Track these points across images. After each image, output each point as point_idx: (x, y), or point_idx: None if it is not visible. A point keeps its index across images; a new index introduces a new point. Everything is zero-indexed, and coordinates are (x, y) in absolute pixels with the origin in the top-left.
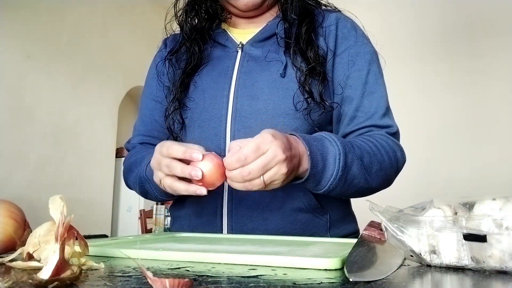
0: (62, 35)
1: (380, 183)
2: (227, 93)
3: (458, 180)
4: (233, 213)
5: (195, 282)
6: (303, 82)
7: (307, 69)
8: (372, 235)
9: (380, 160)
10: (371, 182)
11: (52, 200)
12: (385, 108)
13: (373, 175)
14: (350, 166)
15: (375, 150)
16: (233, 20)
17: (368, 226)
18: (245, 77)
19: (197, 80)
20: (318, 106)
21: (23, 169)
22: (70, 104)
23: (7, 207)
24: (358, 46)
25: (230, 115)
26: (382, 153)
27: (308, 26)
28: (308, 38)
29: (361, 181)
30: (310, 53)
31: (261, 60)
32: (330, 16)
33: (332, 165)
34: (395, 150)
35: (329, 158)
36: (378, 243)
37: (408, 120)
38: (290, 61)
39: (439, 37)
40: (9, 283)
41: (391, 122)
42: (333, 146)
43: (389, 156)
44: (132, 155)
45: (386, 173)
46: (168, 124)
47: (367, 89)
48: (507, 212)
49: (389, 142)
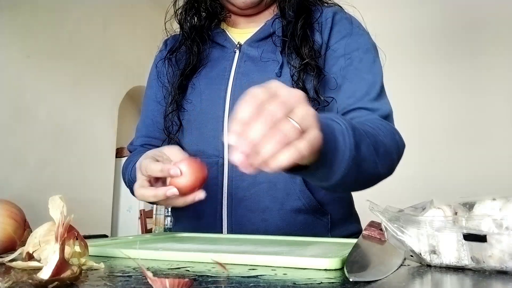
0: (62, 35)
1: (386, 168)
2: (224, 94)
3: (458, 180)
4: (233, 214)
5: (195, 282)
6: (297, 79)
7: (301, 66)
8: (372, 235)
9: (384, 141)
10: (379, 166)
11: (51, 200)
12: (377, 92)
13: (380, 157)
14: (359, 144)
15: (376, 131)
16: (233, 19)
17: (368, 226)
18: (242, 77)
19: (195, 82)
20: (312, 102)
21: (23, 169)
22: (70, 104)
23: (7, 207)
24: (354, 38)
25: (227, 117)
26: (381, 135)
27: (303, 22)
28: (304, 34)
29: (370, 165)
30: (304, 49)
31: (258, 60)
32: (328, 11)
33: (342, 144)
34: (394, 133)
35: (337, 135)
36: (378, 243)
37: (408, 120)
38: (285, 60)
39: (439, 37)
40: (9, 283)
41: (381, 105)
42: (337, 123)
43: (390, 139)
44: (128, 158)
45: (391, 157)
46: (165, 126)
47: (358, 75)
48: (507, 212)
49: (384, 125)
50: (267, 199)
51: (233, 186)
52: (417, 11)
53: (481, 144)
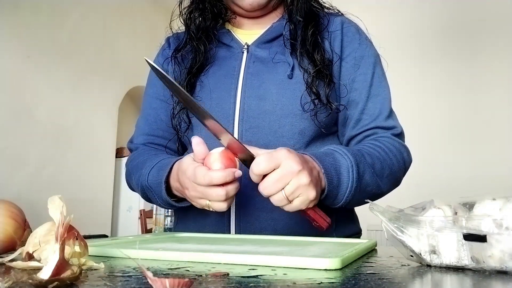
0: (62, 35)
1: (390, 186)
2: (234, 93)
3: (458, 180)
4: (241, 213)
5: (195, 282)
6: (311, 83)
7: (314, 71)
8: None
9: (390, 164)
10: (383, 187)
11: (51, 200)
12: (389, 109)
13: (384, 180)
14: (363, 175)
15: (384, 155)
16: (238, 21)
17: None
18: (252, 78)
19: (203, 79)
20: (325, 107)
21: (23, 169)
22: (70, 104)
23: (7, 207)
24: (362, 49)
25: (238, 115)
26: (391, 157)
27: (314, 29)
28: (315, 40)
29: (373, 188)
30: (317, 55)
31: (268, 61)
32: (335, 20)
33: (346, 178)
34: (402, 151)
35: (343, 171)
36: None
37: (408, 119)
38: (297, 62)
39: (439, 37)
40: (9, 283)
41: (395, 123)
42: (344, 158)
43: (397, 159)
44: (134, 158)
45: (396, 176)
46: (174, 124)
47: (371, 91)
48: (507, 212)
49: (395, 145)
50: None
51: (241, 184)
52: (417, 11)
53: (481, 144)
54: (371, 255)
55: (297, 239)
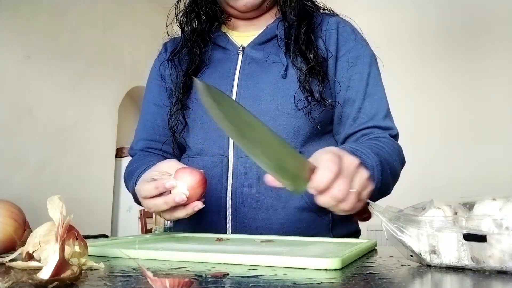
0: (62, 35)
1: (393, 185)
2: (230, 94)
3: (458, 180)
4: (237, 212)
5: (195, 282)
6: (303, 81)
7: (307, 69)
8: None
9: (393, 164)
10: (391, 187)
11: (50, 201)
12: (386, 109)
13: (392, 181)
14: (383, 176)
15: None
16: (233, 23)
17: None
18: (247, 79)
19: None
20: (318, 104)
21: (23, 169)
22: (70, 104)
23: (7, 207)
24: (358, 49)
25: None
26: (394, 159)
27: (307, 27)
28: (308, 38)
29: (385, 188)
30: (309, 53)
31: (263, 62)
32: (330, 20)
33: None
34: (400, 152)
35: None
36: None
37: (408, 120)
38: (290, 62)
39: (439, 37)
40: (9, 283)
41: (392, 124)
42: (369, 158)
43: (398, 160)
44: (130, 164)
45: (398, 174)
46: (170, 125)
47: (368, 91)
48: (507, 212)
49: (394, 146)
50: (271, 197)
51: (237, 185)
52: (415, 12)
53: (480, 144)
54: (371, 255)
55: (297, 239)
